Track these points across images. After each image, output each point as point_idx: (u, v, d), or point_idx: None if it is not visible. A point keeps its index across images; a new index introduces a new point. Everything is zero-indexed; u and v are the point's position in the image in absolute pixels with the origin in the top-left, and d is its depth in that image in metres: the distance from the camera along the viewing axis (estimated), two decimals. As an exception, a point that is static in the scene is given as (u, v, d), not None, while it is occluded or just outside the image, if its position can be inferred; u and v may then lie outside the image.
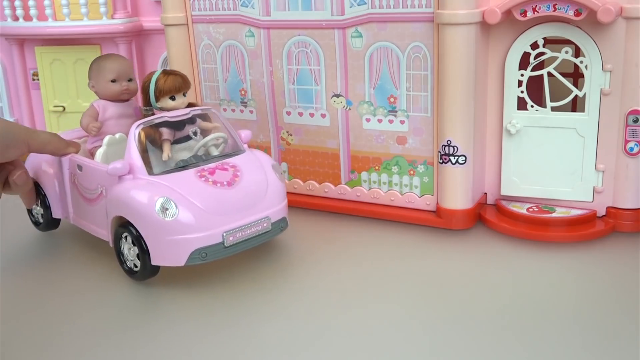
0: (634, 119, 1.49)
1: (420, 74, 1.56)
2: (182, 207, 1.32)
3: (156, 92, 1.46)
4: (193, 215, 1.32)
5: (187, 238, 1.31)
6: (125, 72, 1.60)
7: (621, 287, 1.32)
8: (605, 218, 1.58)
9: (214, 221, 1.33)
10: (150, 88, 1.47)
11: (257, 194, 1.40)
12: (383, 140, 1.66)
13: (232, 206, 1.35)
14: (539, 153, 1.59)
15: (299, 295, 1.34)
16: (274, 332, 1.20)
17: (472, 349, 1.13)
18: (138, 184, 1.36)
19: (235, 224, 1.35)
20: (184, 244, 1.32)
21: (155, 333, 1.22)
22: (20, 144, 1.31)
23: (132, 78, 1.62)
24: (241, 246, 1.37)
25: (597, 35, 1.47)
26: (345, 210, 1.74)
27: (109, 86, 1.59)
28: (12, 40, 2.32)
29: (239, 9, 1.74)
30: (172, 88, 1.46)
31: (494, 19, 1.48)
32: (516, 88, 1.57)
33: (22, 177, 1.36)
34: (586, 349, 1.12)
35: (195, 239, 1.32)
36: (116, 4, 2.21)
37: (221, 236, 1.33)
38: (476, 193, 1.64)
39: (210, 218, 1.33)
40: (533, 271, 1.40)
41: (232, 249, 1.35)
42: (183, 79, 1.48)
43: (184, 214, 1.31)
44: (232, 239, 1.35)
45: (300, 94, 1.73)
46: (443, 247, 1.54)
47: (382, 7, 1.55)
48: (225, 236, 1.34)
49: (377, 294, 1.33)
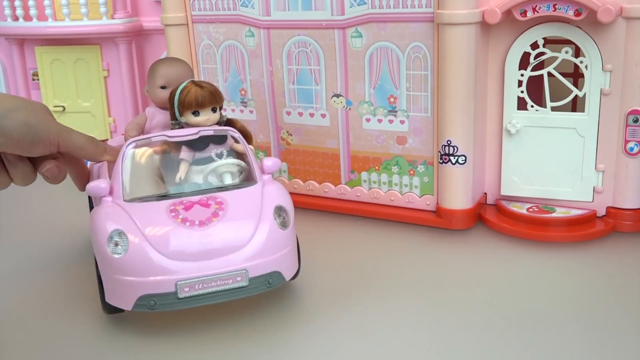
0: (634, 119, 1.49)
1: (420, 74, 1.56)
2: (133, 244, 1.14)
3: (179, 105, 1.32)
4: (142, 255, 1.13)
5: (133, 281, 1.13)
6: (178, 78, 1.43)
7: (621, 287, 1.32)
8: (605, 218, 1.58)
9: (167, 266, 1.13)
10: (175, 100, 1.32)
11: (234, 241, 1.16)
12: (383, 140, 1.66)
13: (196, 251, 1.14)
14: (539, 153, 1.59)
15: (299, 295, 1.34)
16: (272, 332, 1.20)
17: (472, 349, 1.13)
18: (105, 209, 1.21)
19: (194, 274, 1.13)
20: (130, 287, 1.14)
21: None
22: (47, 143, 1.20)
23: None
24: (205, 300, 1.15)
25: (597, 35, 1.47)
26: (345, 210, 1.74)
27: (158, 92, 1.44)
28: (12, 40, 2.32)
29: (239, 9, 1.74)
30: (192, 102, 1.30)
31: (494, 19, 1.48)
32: (516, 88, 1.57)
33: (52, 170, 1.23)
34: (586, 348, 1.12)
35: (142, 283, 1.13)
36: (116, 4, 2.21)
37: (174, 285, 1.13)
38: (476, 193, 1.64)
39: (163, 262, 1.13)
40: (533, 271, 1.40)
41: (189, 301, 1.14)
42: (211, 92, 1.31)
43: (133, 252, 1.13)
44: (187, 290, 1.13)
45: (300, 94, 1.73)
46: (443, 247, 1.54)
47: (382, 7, 1.55)
48: (180, 286, 1.12)
49: (377, 293, 1.33)
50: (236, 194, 1.24)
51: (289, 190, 1.79)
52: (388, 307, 1.28)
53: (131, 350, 1.17)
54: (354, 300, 1.31)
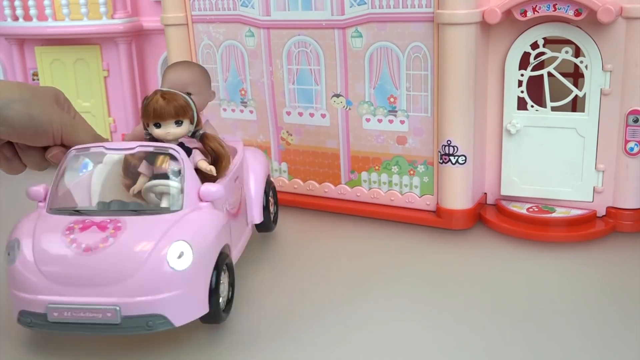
0: (634, 119, 1.49)
1: (420, 74, 1.56)
2: (21, 257, 1.11)
3: (141, 115, 1.25)
4: (24, 270, 1.09)
5: (15, 294, 1.11)
6: (182, 84, 1.37)
7: (621, 287, 1.32)
8: (605, 218, 1.58)
9: (41, 286, 1.08)
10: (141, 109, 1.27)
11: (111, 273, 1.07)
12: (383, 140, 1.66)
13: (71, 276, 1.07)
14: (539, 153, 1.59)
15: (299, 295, 1.34)
16: (272, 333, 1.20)
17: (472, 349, 1.13)
18: (28, 216, 1.19)
19: (63, 299, 1.07)
20: (14, 299, 1.12)
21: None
22: (49, 135, 1.19)
23: (191, 92, 1.35)
24: (74, 329, 1.08)
25: (597, 35, 1.47)
26: (345, 210, 1.74)
27: None
28: (12, 40, 2.32)
29: (239, 9, 1.74)
30: (150, 113, 1.22)
31: (494, 19, 1.48)
32: (516, 88, 1.57)
33: (57, 156, 1.23)
34: (586, 348, 1.12)
35: (20, 298, 1.10)
36: (116, 4, 2.21)
37: (45, 307, 1.07)
38: (476, 193, 1.64)
39: (40, 281, 1.08)
40: (533, 271, 1.40)
41: (60, 327, 1.08)
42: (175, 106, 1.22)
43: (18, 265, 1.10)
44: (56, 315, 1.07)
45: (300, 94, 1.73)
46: (443, 247, 1.54)
47: (382, 7, 1.55)
48: (49, 309, 1.07)
49: (377, 293, 1.33)
50: (143, 220, 1.14)
51: (289, 190, 1.81)
52: (388, 307, 1.27)
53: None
54: (354, 300, 1.31)
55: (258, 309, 1.29)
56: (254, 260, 1.50)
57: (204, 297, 1.13)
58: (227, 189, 1.29)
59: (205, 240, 1.14)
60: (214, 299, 1.15)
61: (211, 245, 1.15)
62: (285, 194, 1.78)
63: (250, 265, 1.48)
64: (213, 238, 1.16)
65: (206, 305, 1.13)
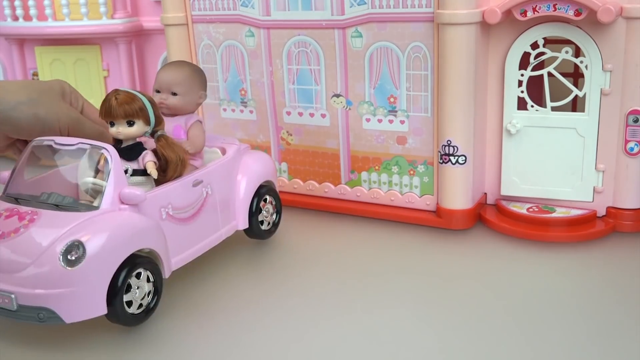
0: (634, 119, 1.49)
1: (420, 74, 1.56)
2: None
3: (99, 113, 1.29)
4: None
5: None
6: (170, 83, 1.42)
7: (621, 287, 1.32)
8: (605, 218, 1.58)
9: None
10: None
11: (11, 263, 1.13)
12: (383, 140, 1.66)
13: None
14: (539, 153, 1.59)
15: (299, 295, 1.34)
16: (273, 333, 1.20)
17: (472, 349, 1.13)
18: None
19: None
20: None
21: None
22: (57, 132, 1.27)
23: (177, 92, 1.42)
24: None
25: (597, 35, 1.47)
26: (345, 210, 1.74)
27: (154, 96, 1.42)
28: (12, 40, 2.32)
29: (239, 9, 1.74)
30: (102, 111, 1.27)
31: (494, 19, 1.48)
32: (516, 88, 1.57)
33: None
34: (586, 348, 1.12)
35: None
36: (116, 4, 2.21)
37: None
38: (476, 193, 1.64)
39: None
40: (533, 271, 1.40)
41: None
42: (125, 107, 1.25)
43: None
44: None
45: (300, 94, 1.73)
46: (443, 247, 1.54)
47: (382, 7, 1.55)
48: None
49: (377, 293, 1.33)
50: (57, 215, 1.18)
51: (289, 190, 1.81)
52: (388, 307, 1.27)
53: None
54: (354, 300, 1.31)
55: (257, 308, 1.29)
56: (253, 260, 1.50)
57: (100, 298, 1.13)
58: (176, 194, 1.30)
59: (107, 242, 1.14)
60: (118, 301, 1.15)
61: (115, 248, 1.15)
62: (285, 194, 1.78)
63: (250, 265, 1.48)
64: (119, 241, 1.16)
65: (103, 306, 1.14)
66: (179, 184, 1.32)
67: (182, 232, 1.32)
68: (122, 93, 1.26)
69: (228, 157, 1.47)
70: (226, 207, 1.46)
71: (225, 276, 1.43)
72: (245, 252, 1.53)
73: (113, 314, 1.16)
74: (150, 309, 1.23)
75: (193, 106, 1.46)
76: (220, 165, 1.44)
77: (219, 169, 1.43)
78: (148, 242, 1.22)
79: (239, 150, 1.52)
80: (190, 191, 1.34)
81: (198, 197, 1.37)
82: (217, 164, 1.43)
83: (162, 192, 1.28)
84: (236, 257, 1.51)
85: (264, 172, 1.55)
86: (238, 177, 1.49)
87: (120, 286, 1.15)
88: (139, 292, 1.19)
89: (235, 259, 1.49)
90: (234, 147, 1.51)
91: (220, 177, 1.44)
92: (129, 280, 1.16)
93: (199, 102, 1.48)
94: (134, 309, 1.19)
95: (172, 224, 1.29)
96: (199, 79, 1.48)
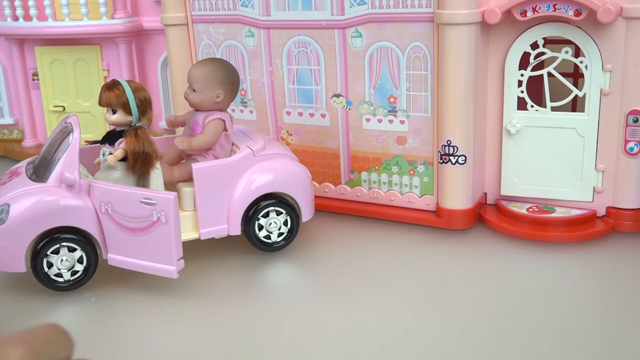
0: (634, 119, 1.49)
1: (420, 74, 1.56)
2: None
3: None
4: None
5: None
6: (191, 79, 1.47)
7: (621, 287, 1.32)
8: (605, 218, 1.58)
9: None
10: None
11: None
12: (383, 140, 1.66)
13: None
14: (539, 153, 1.59)
15: (299, 295, 1.34)
16: (273, 333, 1.20)
17: (472, 348, 1.13)
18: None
19: None
20: None
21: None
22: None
23: (195, 89, 1.45)
24: None
25: (597, 35, 1.47)
26: (345, 210, 1.74)
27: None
28: (12, 40, 2.32)
29: (239, 9, 1.74)
30: (98, 99, 1.41)
31: (494, 19, 1.48)
32: (516, 88, 1.57)
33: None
34: (586, 348, 1.12)
35: None
36: (116, 4, 2.21)
37: None
38: (476, 193, 1.64)
39: None
40: (533, 271, 1.40)
41: None
42: (107, 95, 1.37)
43: None
44: None
45: (300, 94, 1.73)
46: (443, 247, 1.54)
47: (382, 7, 1.55)
48: None
49: (377, 293, 1.33)
50: (24, 181, 1.38)
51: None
52: (388, 307, 1.28)
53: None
54: (353, 300, 1.31)
55: (255, 308, 1.29)
56: (253, 260, 1.50)
57: (19, 257, 1.32)
58: (117, 196, 1.33)
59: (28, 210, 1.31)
60: (38, 264, 1.33)
61: (35, 217, 1.31)
62: (285, 194, 1.78)
63: (249, 265, 1.48)
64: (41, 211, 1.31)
65: (22, 265, 1.33)
66: (124, 190, 1.34)
67: (123, 238, 1.34)
68: (111, 82, 1.39)
69: (226, 161, 1.44)
70: (214, 210, 1.43)
71: (219, 274, 1.43)
72: (241, 250, 1.53)
73: (35, 275, 1.34)
74: (78, 281, 1.36)
75: (211, 104, 1.46)
76: (205, 172, 1.41)
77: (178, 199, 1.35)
78: (74, 221, 1.33)
79: (248, 156, 1.45)
80: (134, 202, 1.31)
81: (146, 216, 1.31)
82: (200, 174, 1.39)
83: (102, 188, 1.34)
84: (231, 252, 1.50)
85: (272, 183, 1.47)
86: (239, 182, 1.44)
87: (39, 251, 1.32)
88: (63, 264, 1.34)
89: (230, 255, 1.49)
90: (244, 152, 1.45)
91: (209, 180, 1.41)
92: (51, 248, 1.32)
93: (216, 100, 1.46)
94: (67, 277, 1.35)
95: (111, 224, 1.34)
96: (218, 77, 1.46)
